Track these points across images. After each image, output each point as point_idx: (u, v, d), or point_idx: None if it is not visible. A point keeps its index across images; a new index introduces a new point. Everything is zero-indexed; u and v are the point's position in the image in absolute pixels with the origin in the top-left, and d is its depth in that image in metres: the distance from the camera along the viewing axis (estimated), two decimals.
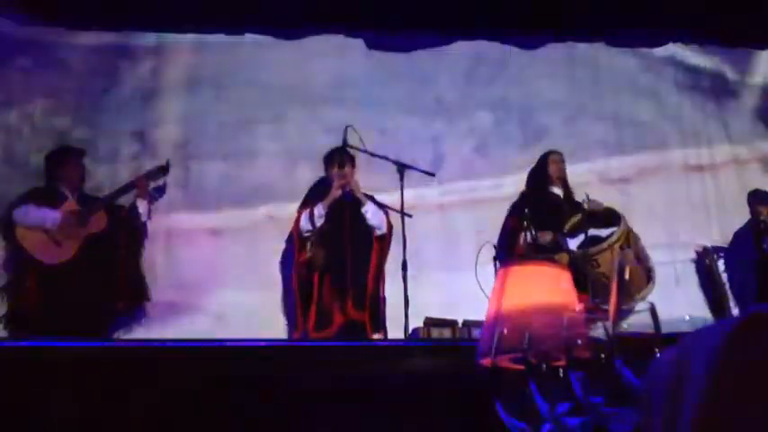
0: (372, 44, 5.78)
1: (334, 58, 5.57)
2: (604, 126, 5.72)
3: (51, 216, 4.12)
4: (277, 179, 5.07)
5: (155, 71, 5.37)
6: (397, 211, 4.07)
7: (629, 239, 3.94)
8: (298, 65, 5.48)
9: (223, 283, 4.87)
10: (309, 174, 4.70)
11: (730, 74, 6.17)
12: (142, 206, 4.34)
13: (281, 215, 4.76)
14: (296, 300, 4.22)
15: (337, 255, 4.12)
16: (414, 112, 5.48)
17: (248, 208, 5.06)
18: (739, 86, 6.14)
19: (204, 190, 5.11)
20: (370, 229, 4.22)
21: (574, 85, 5.84)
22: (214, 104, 5.31)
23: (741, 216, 5.05)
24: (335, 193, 4.21)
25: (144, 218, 4.35)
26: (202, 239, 5.00)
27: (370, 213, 4.21)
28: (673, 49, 6.12)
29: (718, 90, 6.10)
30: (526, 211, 4.17)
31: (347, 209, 4.20)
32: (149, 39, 5.44)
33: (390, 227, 4.24)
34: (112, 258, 4.23)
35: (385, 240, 4.25)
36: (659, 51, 6.11)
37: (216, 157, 5.18)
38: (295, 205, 4.43)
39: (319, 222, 4.19)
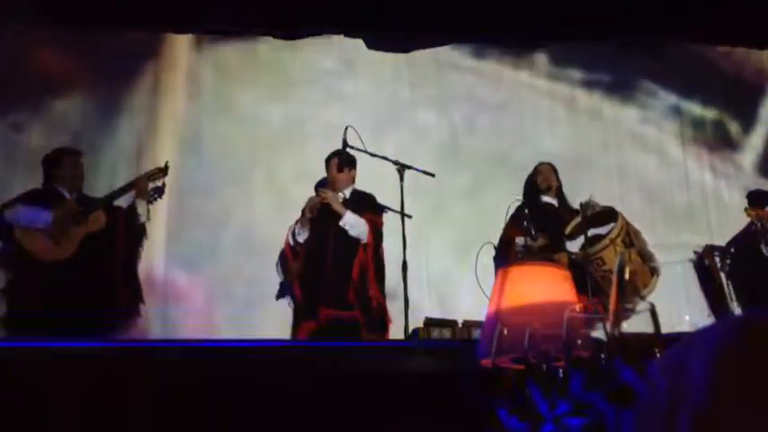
0: (372, 44, 5.78)
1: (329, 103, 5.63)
2: (608, 178, 5.75)
3: (49, 216, 4.12)
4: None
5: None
6: (397, 211, 4.07)
7: (630, 234, 3.92)
8: (294, 113, 5.56)
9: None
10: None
11: (733, 126, 6.20)
12: (141, 207, 4.34)
13: None
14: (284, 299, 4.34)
15: (317, 266, 4.19)
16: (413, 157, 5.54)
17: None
18: (742, 139, 6.18)
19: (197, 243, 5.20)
20: (353, 240, 4.24)
21: (576, 136, 5.88)
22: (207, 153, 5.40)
23: (741, 216, 5.05)
24: (308, 214, 4.25)
25: (143, 218, 4.35)
26: (196, 294, 5.10)
27: (349, 225, 4.22)
28: (675, 101, 6.15)
29: (721, 143, 6.13)
30: (525, 223, 4.18)
31: (331, 224, 4.23)
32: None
33: (373, 232, 4.23)
34: (111, 258, 4.23)
35: (368, 248, 4.26)
36: (662, 103, 6.13)
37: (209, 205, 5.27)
38: None
39: (301, 239, 4.27)
